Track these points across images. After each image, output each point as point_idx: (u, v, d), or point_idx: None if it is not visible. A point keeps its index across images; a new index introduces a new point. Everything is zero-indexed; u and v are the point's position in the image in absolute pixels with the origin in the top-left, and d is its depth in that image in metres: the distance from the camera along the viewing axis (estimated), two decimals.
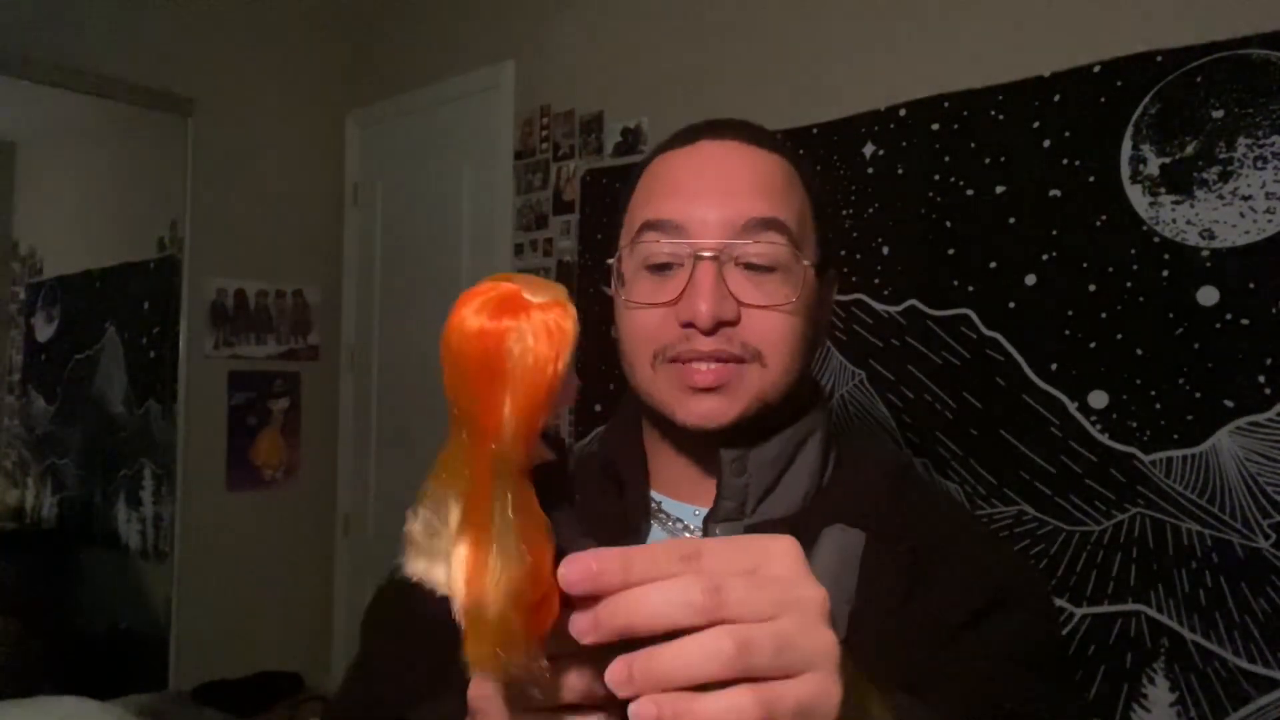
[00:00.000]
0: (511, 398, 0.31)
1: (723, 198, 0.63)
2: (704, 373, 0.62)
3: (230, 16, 2.85)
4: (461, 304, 0.32)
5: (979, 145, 1.65)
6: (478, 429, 0.31)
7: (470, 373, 0.31)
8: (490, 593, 0.30)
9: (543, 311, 0.32)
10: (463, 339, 0.31)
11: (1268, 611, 1.33)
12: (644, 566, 0.32)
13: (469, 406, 0.31)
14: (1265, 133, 1.37)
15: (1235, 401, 1.38)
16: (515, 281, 0.33)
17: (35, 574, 2.87)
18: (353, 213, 3.12)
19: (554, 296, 0.33)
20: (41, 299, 2.97)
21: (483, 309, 0.32)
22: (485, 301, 0.32)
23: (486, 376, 0.31)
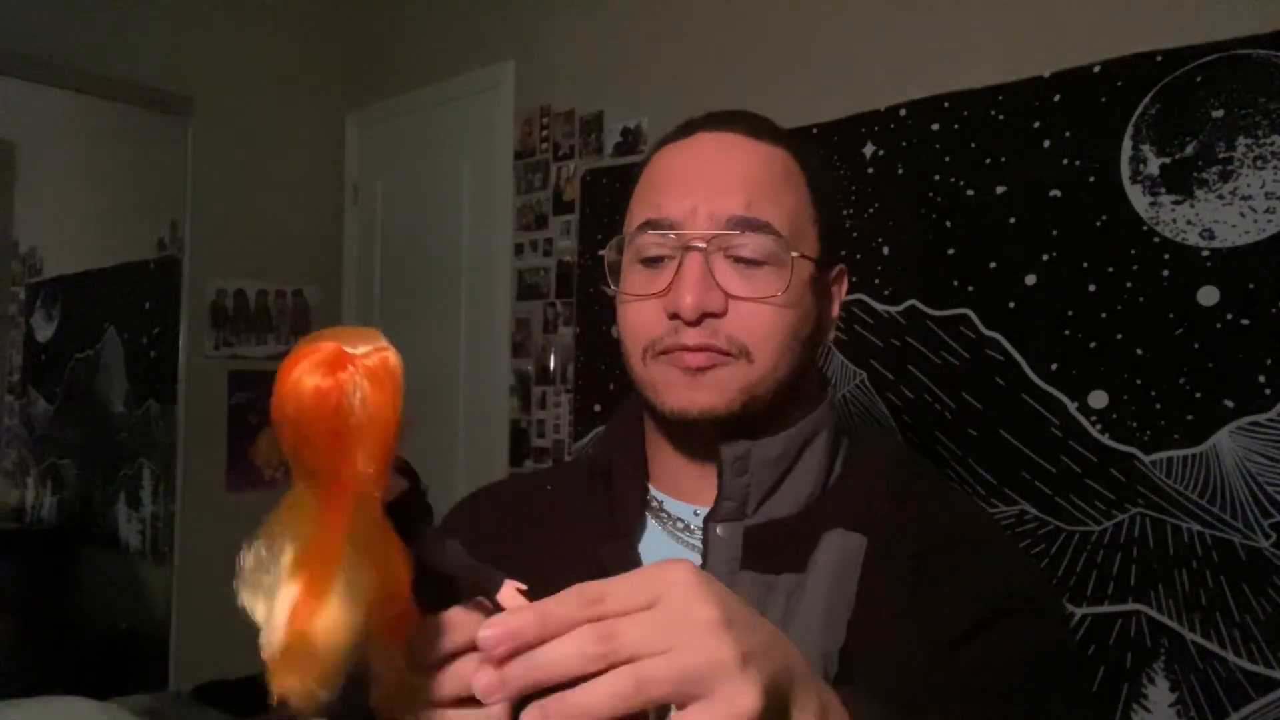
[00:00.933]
0: (361, 449, 0.33)
1: (714, 191, 0.63)
2: (693, 355, 0.61)
3: (230, 17, 2.85)
4: (290, 368, 0.33)
5: (979, 145, 1.65)
6: (327, 479, 0.33)
7: (314, 432, 0.33)
8: (320, 631, 0.32)
9: (368, 360, 0.33)
10: (300, 401, 0.32)
11: (1268, 611, 1.33)
12: (556, 623, 0.34)
13: (316, 461, 0.33)
14: (1265, 133, 1.37)
15: (1235, 401, 1.38)
16: (331, 337, 0.34)
17: (35, 574, 2.87)
18: (353, 213, 3.12)
19: (374, 344, 0.34)
20: (41, 299, 2.97)
21: (314, 370, 0.33)
22: (314, 363, 0.33)
23: (331, 433, 0.32)
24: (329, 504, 0.33)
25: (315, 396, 0.32)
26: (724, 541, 0.62)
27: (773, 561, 0.61)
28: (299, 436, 0.33)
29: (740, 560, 0.61)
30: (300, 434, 0.33)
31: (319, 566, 0.32)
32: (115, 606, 2.83)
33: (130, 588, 2.78)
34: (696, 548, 0.65)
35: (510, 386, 2.54)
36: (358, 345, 0.34)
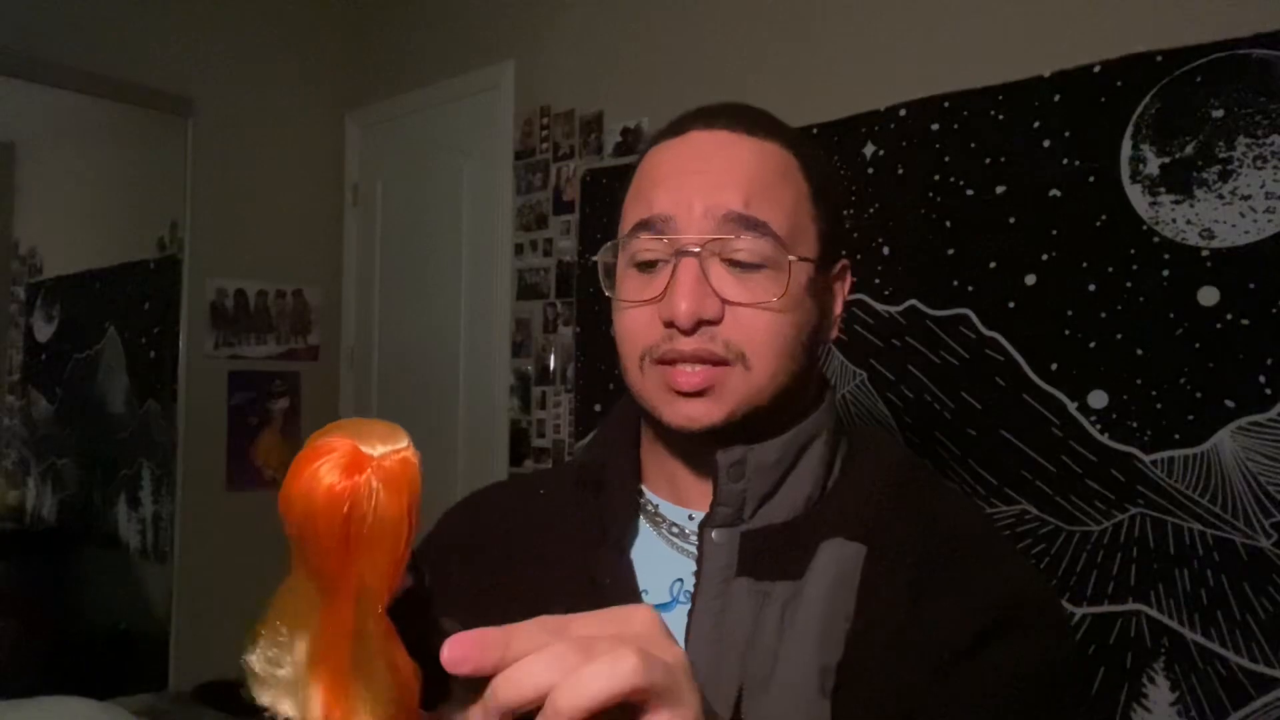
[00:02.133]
0: (370, 558, 0.32)
1: (709, 188, 0.61)
2: (688, 375, 0.59)
3: (230, 17, 2.85)
4: (303, 465, 0.32)
5: (979, 145, 1.65)
6: (332, 581, 0.32)
7: (323, 535, 0.31)
8: None
9: (385, 462, 0.32)
10: (311, 503, 0.31)
11: (1269, 611, 1.33)
12: (521, 642, 0.33)
13: (323, 563, 0.32)
14: (1265, 133, 1.37)
15: (1236, 401, 1.38)
16: (347, 432, 0.33)
17: (35, 574, 2.87)
18: (353, 213, 3.12)
19: (393, 444, 0.33)
20: (41, 299, 2.97)
21: (329, 471, 0.31)
22: (330, 464, 0.32)
23: (341, 538, 0.31)
24: (332, 603, 0.32)
25: (327, 499, 0.31)
26: (719, 548, 0.61)
27: (769, 568, 0.59)
28: (306, 537, 0.32)
29: (735, 567, 0.60)
30: (308, 535, 0.32)
31: (334, 668, 0.32)
32: (115, 606, 2.83)
33: (130, 588, 2.78)
34: (691, 554, 0.63)
35: (510, 386, 2.54)
36: (376, 445, 0.33)
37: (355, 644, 0.31)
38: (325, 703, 0.32)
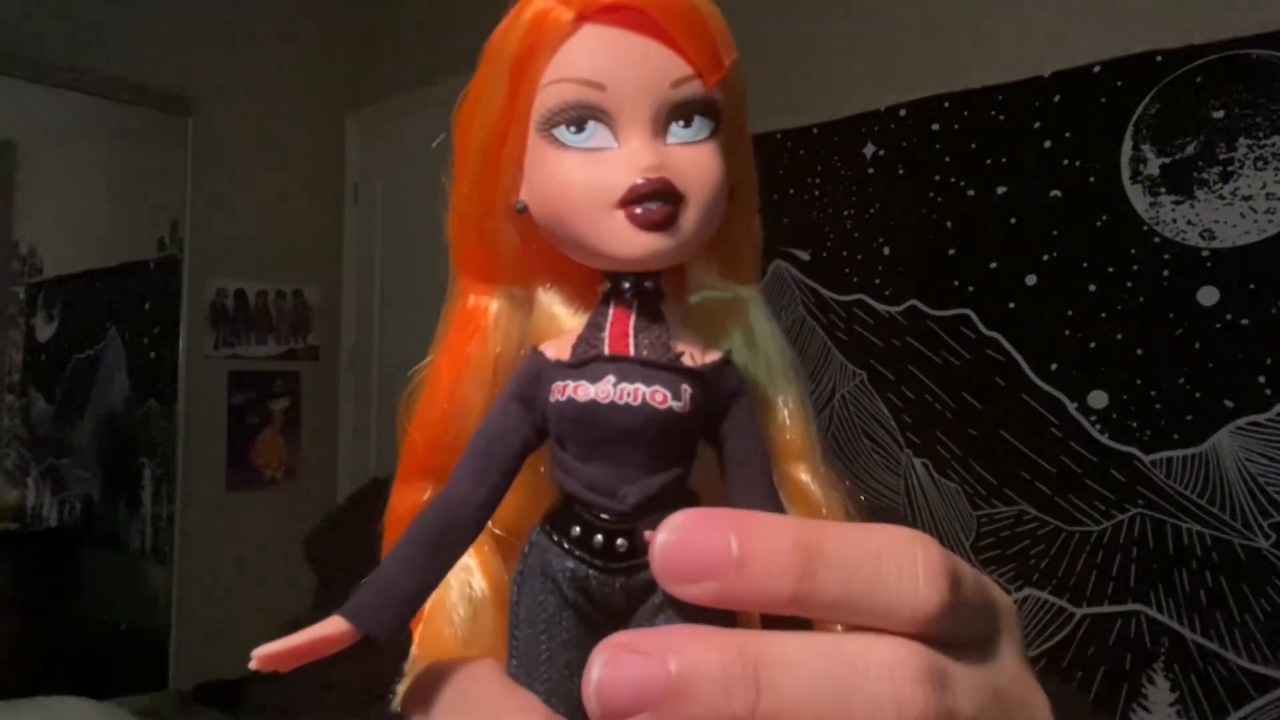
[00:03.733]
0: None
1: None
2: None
3: (230, 16, 2.85)
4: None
5: (979, 145, 1.65)
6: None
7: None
8: None
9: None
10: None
11: (1268, 611, 1.33)
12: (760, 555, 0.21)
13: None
14: (1265, 133, 1.37)
15: (1235, 401, 1.38)
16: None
17: (35, 574, 2.87)
18: (353, 213, 3.12)
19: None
20: (41, 299, 2.97)
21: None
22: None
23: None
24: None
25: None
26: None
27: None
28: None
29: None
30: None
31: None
32: (115, 606, 2.83)
33: (130, 588, 2.78)
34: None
35: None
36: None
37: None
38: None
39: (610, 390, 0.20)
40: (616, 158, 0.21)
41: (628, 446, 0.21)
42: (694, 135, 0.21)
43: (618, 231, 0.21)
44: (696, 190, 0.21)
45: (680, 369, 0.21)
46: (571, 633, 0.21)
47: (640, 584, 0.21)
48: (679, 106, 0.21)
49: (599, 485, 0.21)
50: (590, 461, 0.21)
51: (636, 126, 0.21)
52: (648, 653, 0.18)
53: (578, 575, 0.21)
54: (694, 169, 0.21)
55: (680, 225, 0.21)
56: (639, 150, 0.21)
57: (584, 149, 0.21)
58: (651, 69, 0.21)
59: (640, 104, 0.21)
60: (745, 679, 0.18)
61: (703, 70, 0.21)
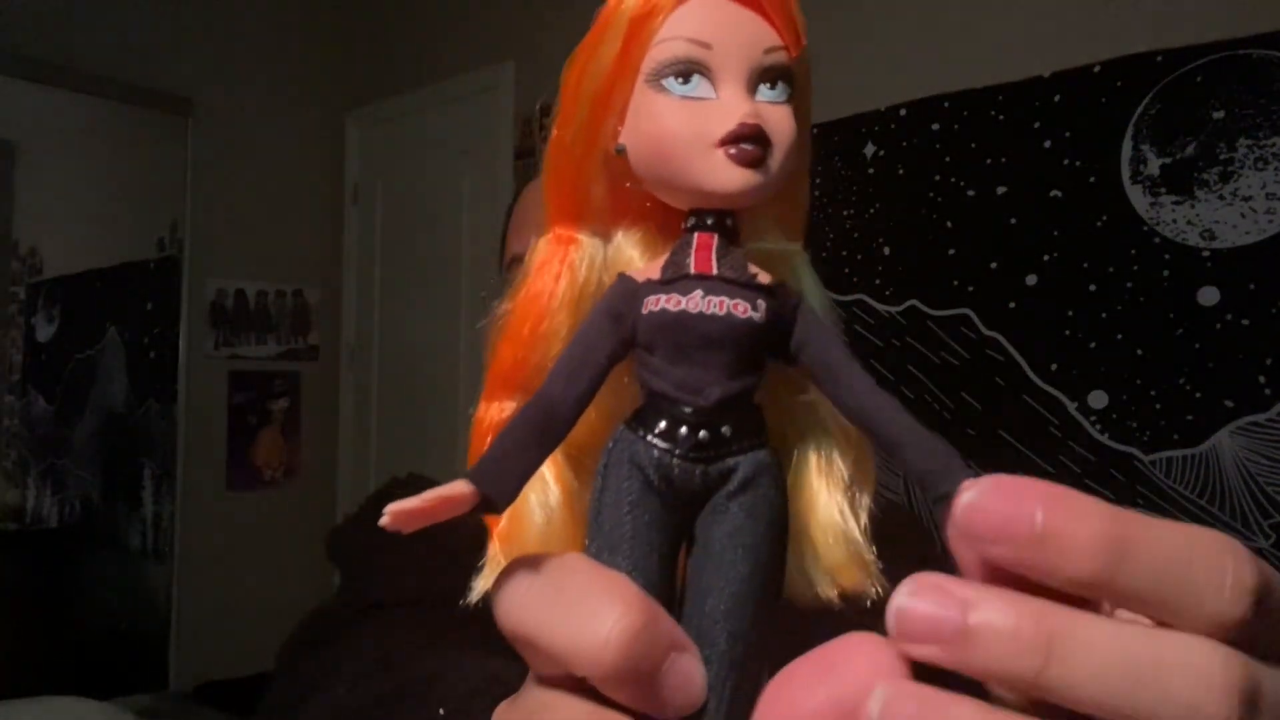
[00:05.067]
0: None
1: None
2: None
3: (229, 17, 2.85)
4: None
5: (979, 145, 1.65)
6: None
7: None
8: None
9: None
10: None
11: None
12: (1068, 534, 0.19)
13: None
14: (1265, 133, 1.37)
15: (1235, 401, 1.38)
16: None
17: (35, 574, 2.87)
18: (353, 213, 3.12)
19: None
20: (41, 299, 2.97)
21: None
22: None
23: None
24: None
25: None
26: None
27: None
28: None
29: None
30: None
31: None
32: (115, 606, 2.83)
33: (130, 588, 2.78)
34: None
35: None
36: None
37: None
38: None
39: (700, 302, 0.24)
40: (717, 106, 0.24)
41: (713, 351, 0.24)
42: (778, 96, 0.25)
43: (716, 166, 0.24)
44: (781, 139, 0.24)
45: (756, 286, 0.24)
46: (654, 514, 0.24)
47: (718, 472, 0.24)
48: (768, 70, 0.25)
49: (686, 384, 0.24)
50: (678, 365, 0.24)
51: (733, 82, 0.24)
52: (951, 595, 0.19)
53: (663, 463, 0.24)
54: (779, 122, 0.24)
55: (769, 165, 0.24)
56: (736, 101, 0.24)
57: (689, 98, 0.24)
58: (750, 36, 0.25)
59: (739, 63, 0.24)
60: (1036, 644, 0.18)
61: (789, 43, 0.25)
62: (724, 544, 0.23)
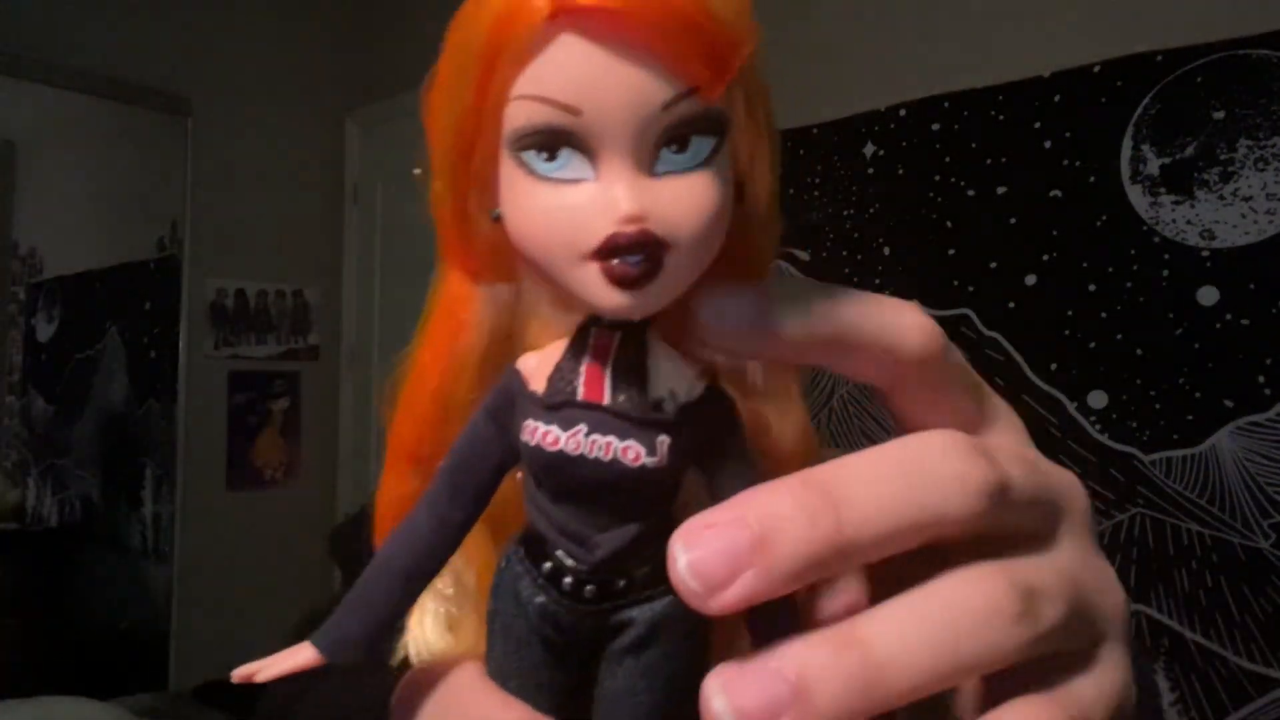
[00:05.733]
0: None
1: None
2: None
3: (229, 16, 2.85)
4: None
5: (979, 145, 1.65)
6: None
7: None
8: None
9: None
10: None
11: (1268, 611, 1.33)
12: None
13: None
14: (1266, 133, 1.37)
15: (1235, 401, 1.38)
16: None
17: (35, 574, 2.87)
18: (353, 213, 3.12)
19: None
20: (41, 299, 2.97)
21: None
22: None
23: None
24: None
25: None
26: None
27: None
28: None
29: None
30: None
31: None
32: (115, 606, 2.83)
33: (130, 588, 2.78)
34: None
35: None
36: None
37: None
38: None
39: (581, 441, 0.19)
40: (592, 195, 0.18)
41: (599, 498, 0.19)
42: (689, 162, 0.18)
43: (590, 283, 0.18)
44: (686, 234, 0.18)
45: (657, 422, 0.19)
46: (541, 656, 0.21)
47: (614, 623, 0.20)
48: (671, 129, 0.18)
49: (569, 530, 0.20)
50: (561, 504, 0.20)
51: (618, 157, 0.18)
52: (724, 521, 0.18)
53: (547, 610, 0.20)
54: (684, 206, 0.18)
55: (662, 277, 0.18)
56: (617, 190, 0.18)
57: (556, 180, 0.18)
58: (636, 91, 0.18)
59: (624, 131, 0.18)
60: (821, 502, 0.18)
61: (704, 82, 0.18)
62: (616, 703, 0.20)
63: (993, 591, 0.19)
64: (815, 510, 0.18)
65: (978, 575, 0.19)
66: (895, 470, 0.19)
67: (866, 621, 0.18)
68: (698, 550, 0.17)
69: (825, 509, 0.18)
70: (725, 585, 0.17)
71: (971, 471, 0.19)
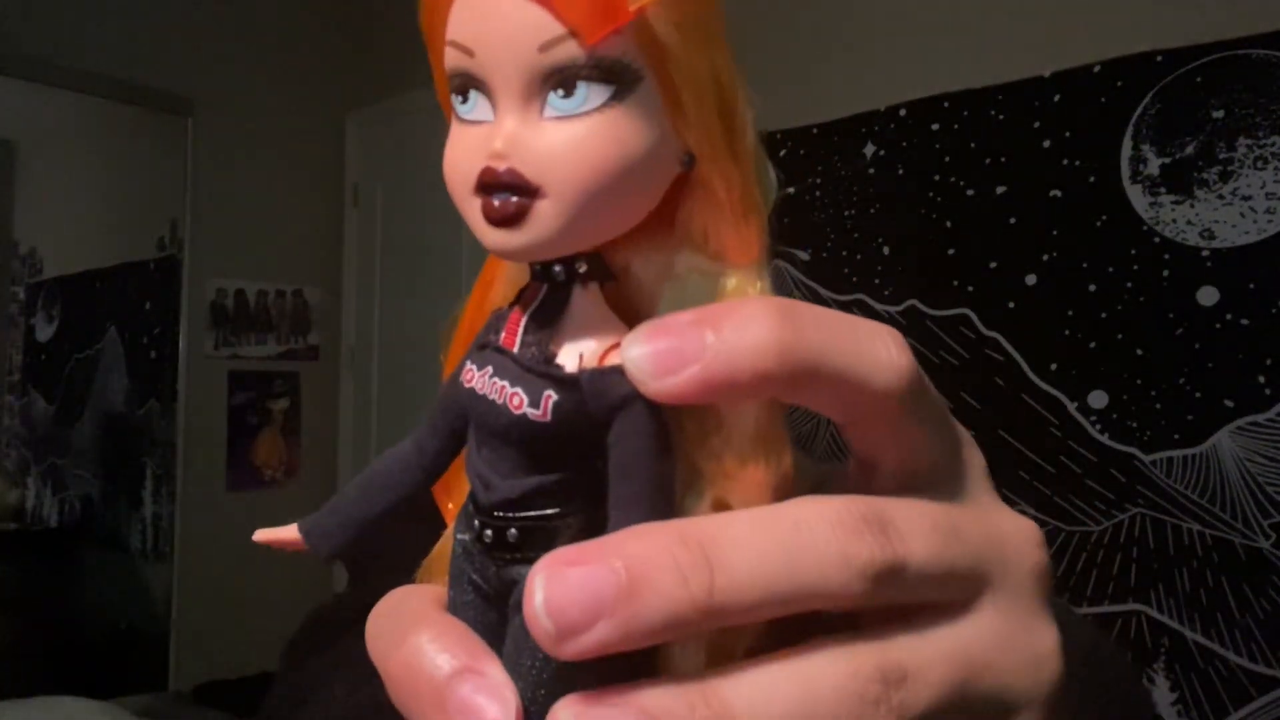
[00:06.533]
0: None
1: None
2: None
3: (230, 16, 2.85)
4: None
5: (979, 145, 1.65)
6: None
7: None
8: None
9: None
10: None
11: (1268, 611, 1.33)
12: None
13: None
14: (1265, 133, 1.37)
15: (1235, 401, 1.38)
16: None
17: (35, 574, 2.87)
18: (353, 213, 3.12)
19: None
20: (41, 299, 2.97)
21: None
22: None
23: None
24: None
25: None
26: None
27: None
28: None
29: None
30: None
31: None
32: (115, 606, 2.84)
33: (130, 587, 2.78)
34: None
35: None
36: None
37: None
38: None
39: (485, 383, 0.19)
40: (481, 134, 0.19)
41: (497, 444, 0.20)
42: (575, 107, 0.18)
43: (475, 221, 0.19)
44: (559, 179, 0.18)
45: (548, 375, 0.19)
46: (471, 594, 0.21)
47: (508, 578, 0.20)
48: (554, 72, 0.18)
49: (479, 472, 0.20)
50: (479, 448, 0.20)
51: (508, 99, 0.18)
52: (590, 560, 0.17)
53: (465, 547, 0.21)
54: (560, 152, 0.18)
55: (533, 221, 0.18)
56: (497, 129, 0.18)
57: (467, 121, 0.19)
58: (518, 30, 0.18)
59: (508, 72, 0.18)
60: (696, 562, 0.17)
61: (582, 26, 0.17)
62: (507, 658, 0.20)
63: (856, 673, 0.18)
64: (689, 568, 0.17)
65: (845, 654, 0.18)
66: (778, 538, 0.18)
67: (728, 684, 0.18)
68: (558, 588, 0.17)
69: (700, 569, 0.17)
70: (579, 632, 0.16)
71: (859, 552, 0.18)
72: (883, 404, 0.20)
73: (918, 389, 0.20)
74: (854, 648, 0.19)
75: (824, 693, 0.18)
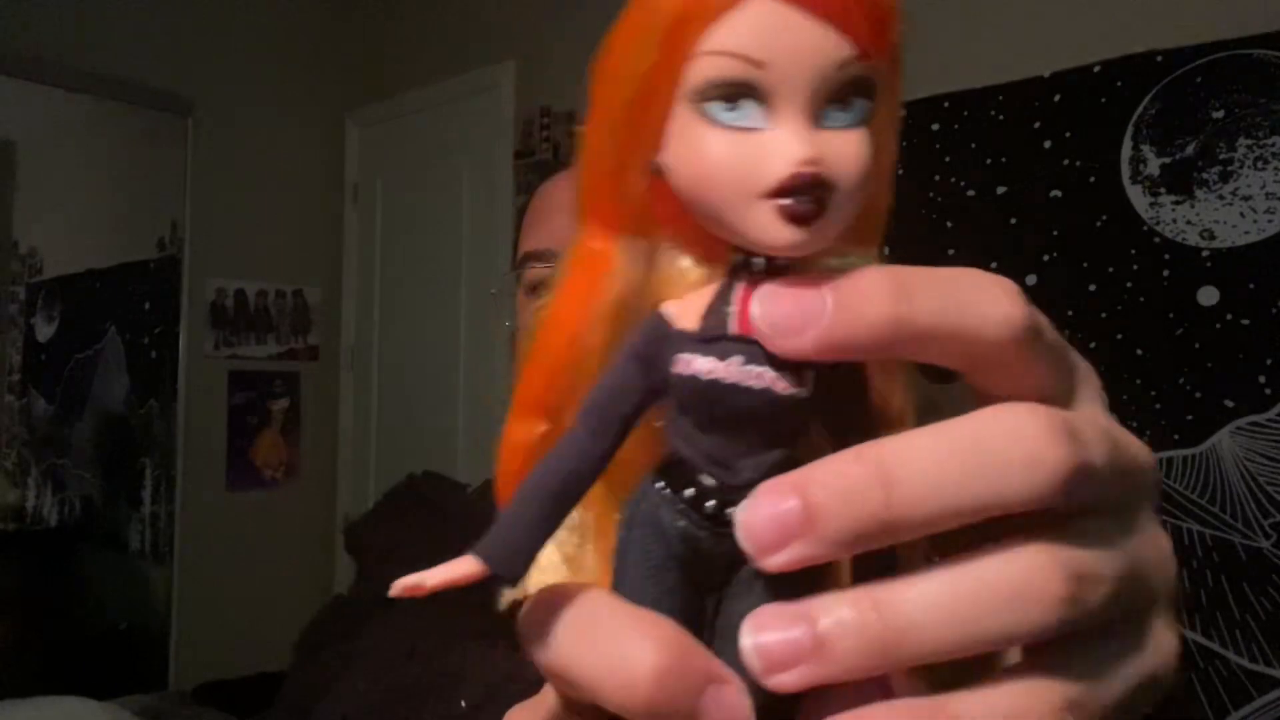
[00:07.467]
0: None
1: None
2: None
3: (230, 16, 2.85)
4: None
5: (979, 145, 1.65)
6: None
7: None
8: None
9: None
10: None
11: (1269, 611, 1.33)
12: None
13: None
14: (1265, 133, 1.37)
15: (1235, 401, 1.38)
16: None
17: (35, 574, 2.87)
18: (353, 213, 3.13)
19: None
20: (41, 299, 2.97)
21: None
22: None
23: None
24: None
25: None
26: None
27: None
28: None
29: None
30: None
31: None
32: (115, 606, 2.84)
33: (130, 588, 2.78)
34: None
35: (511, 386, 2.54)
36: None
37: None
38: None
39: (737, 371, 0.21)
40: (768, 141, 0.20)
41: (748, 425, 0.21)
42: (850, 120, 0.20)
43: (762, 221, 0.20)
44: (847, 180, 0.20)
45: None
46: (675, 582, 0.22)
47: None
48: (840, 88, 0.20)
49: (715, 456, 0.21)
50: (708, 433, 0.21)
51: (792, 109, 0.20)
52: (779, 489, 0.19)
53: (688, 534, 0.22)
54: (847, 157, 0.20)
55: (826, 218, 0.20)
56: (794, 137, 0.20)
57: (734, 128, 0.20)
58: (817, 49, 0.20)
59: (802, 85, 0.20)
60: (871, 479, 0.19)
61: (870, 47, 0.20)
62: (740, 626, 0.21)
63: (1038, 575, 0.19)
64: (866, 486, 0.18)
65: (1027, 557, 0.19)
66: (958, 450, 0.19)
67: (901, 587, 0.19)
68: (750, 513, 0.19)
69: (875, 486, 0.18)
70: (773, 550, 0.19)
71: (1049, 455, 0.19)
72: (999, 353, 0.21)
73: (1032, 334, 0.21)
74: (1035, 551, 0.19)
75: (1001, 596, 0.19)
